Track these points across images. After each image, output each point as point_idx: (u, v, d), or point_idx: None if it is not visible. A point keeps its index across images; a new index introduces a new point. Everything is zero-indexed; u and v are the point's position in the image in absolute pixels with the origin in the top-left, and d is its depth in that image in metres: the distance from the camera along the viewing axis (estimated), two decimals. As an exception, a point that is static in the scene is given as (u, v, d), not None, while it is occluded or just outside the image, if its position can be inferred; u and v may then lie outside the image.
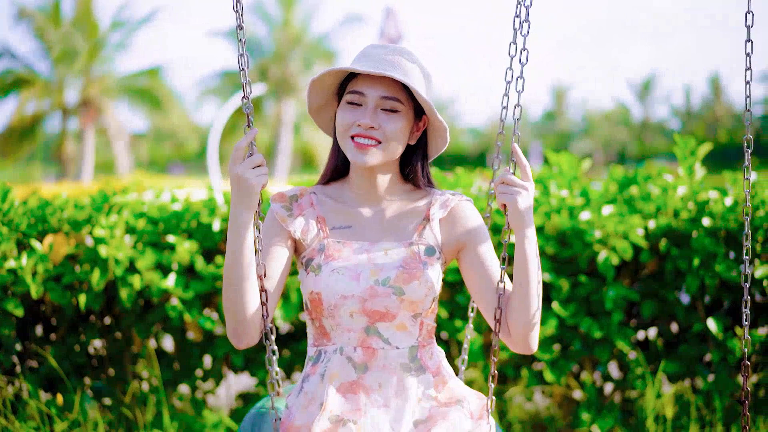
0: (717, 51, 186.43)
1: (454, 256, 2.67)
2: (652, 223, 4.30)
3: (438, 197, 2.67)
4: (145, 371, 4.47)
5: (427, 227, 2.63)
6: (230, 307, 2.47)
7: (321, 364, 2.59)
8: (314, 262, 2.57)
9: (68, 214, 4.23)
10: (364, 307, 2.52)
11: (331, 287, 2.52)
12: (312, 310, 2.60)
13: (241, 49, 2.48)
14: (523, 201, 2.44)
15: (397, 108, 2.54)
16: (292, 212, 2.64)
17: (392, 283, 2.52)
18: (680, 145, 4.48)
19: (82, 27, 36.28)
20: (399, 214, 2.65)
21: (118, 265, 4.11)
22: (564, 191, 4.44)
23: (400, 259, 2.56)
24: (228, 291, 2.46)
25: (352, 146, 2.53)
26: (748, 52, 2.64)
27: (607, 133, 73.44)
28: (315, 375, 2.60)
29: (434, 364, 2.63)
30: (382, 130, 2.52)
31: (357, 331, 2.56)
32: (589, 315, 4.34)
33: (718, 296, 4.32)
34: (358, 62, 2.54)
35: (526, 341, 2.53)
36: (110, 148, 40.53)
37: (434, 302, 2.62)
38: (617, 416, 4.34)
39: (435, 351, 2.67)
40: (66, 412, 4.22)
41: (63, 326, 4.40)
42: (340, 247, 2.59)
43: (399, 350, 2.57)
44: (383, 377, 2.55)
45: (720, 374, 4.27)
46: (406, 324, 2.57)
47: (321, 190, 2.72)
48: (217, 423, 4.38)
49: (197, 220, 4.33)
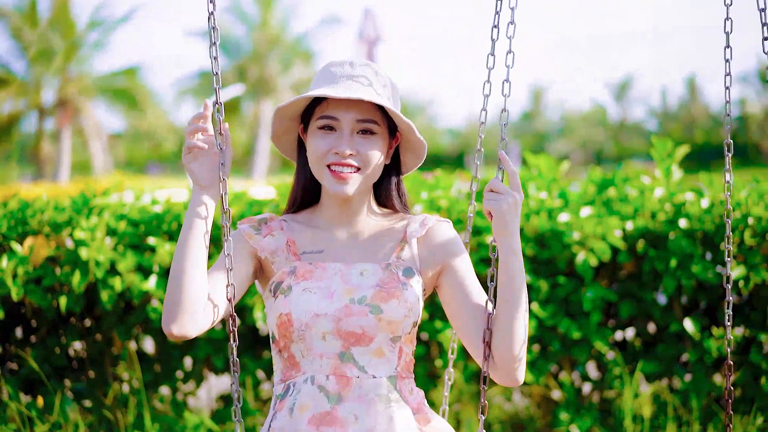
0: (694, 52, 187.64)
1: (434, 282, 2.45)
2: (630, 224, 4.34)
3: (414, 218, 2.48)
4: (125, 373, 4.47)
5: (406, 248, 2.43)
6: (174, 289, 2.24)
7: (289, 398, 2.34)
8: (284, 284, 2.35)
9: (48, 216, 4.23)
10: (338, 328, 2.29)
11: (302, 306, 2.30)
12: (280, 338, 2.36)
13: (215, 53, 2.38)
14: (509, 209, 2.31)
15: (374, 130, 2.36)
16: (260, 232, 2.43)
17: (369, 302, 2.31)
18: (657, 147, 4.52)
19: (59, 26, 36.06)
20: (375, 236, 2.46)
21: (99, 267, 4.11)
22: (543, 193, 4.47)
23: (377, 278, 2.35)
24: (177, 273, 2.25)
25: (329, 175, 2.34)
26: (727, 58, 2.67)
27: (584, 134, 73.62)
28: (283, 410, 2.34)
29: (415, 400, 2.39)
30: (360, 156, 2.34)
31: (330, 357, 2.31)
32: (568, 316, 4.38)
33: (695, 297, 4.38)
34: (326, 85, 2.36)
35: (513, 368, 2.32)
36: (87, 149, 40.30)
37: (414, 328, 2.39)
38: (595, 416, 4.38)
39: (415, 388, 2.43)
40: (46, 414, 4.22)
41: (43, 328, 4.40)
42: (312, 268, 2.38)
43: (376, 380, 2.32)
44: (360, 409, 2.30)
45: (697, 374, 4.32)
46: (383, 349, 2.33)
47: (290, 218, 2.50)
48: (198, 425, 4.38)
49: (178, 221, 4.33)
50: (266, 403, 4.57)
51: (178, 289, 2.24)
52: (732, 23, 2.57)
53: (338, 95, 2.28)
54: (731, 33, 2.60)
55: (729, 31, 2.62)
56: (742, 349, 4.35)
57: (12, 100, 36.45)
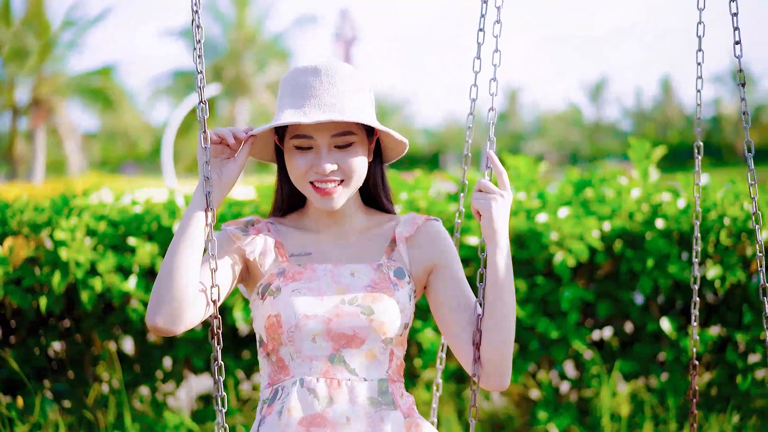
0: (668, 52, 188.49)
1: (423, 282, 2.43)
2: (607, 225, 4.38)
3: (402, 218, 2.46)
4: (105, 373, 4.47)
5: (395, 249, 2.41)
6: (165, 282, 2.19)
7: (278, 402, 2.30)
8: (272, 286, 2.31)
9: (28, 216, 4.23)
10: (329, 329, 2.26)
11: (292, 307, 2.27)
12: (269, 341, 2.32)
13: (200, 51, 2.36)
14: (497, 208, 2.30)
15: (351, 140, 2.29)
16: (247, 233, 2.38)
17: (360, 302, 2.28)
18: (635, 148, 4.56)
19: (33, 26, 35.91)
20: (364, 237, 2.43)
21: (79, 267, 4.12)
22: (521, 194, 4.50)
23: (369, 279, 2.33)
24: (163, 264, 2.21)
25: (313, 192, 2.30)
26: (699, 62, 2.71)
27: (559, 134, 73.95)
28: (272, 414, 2.30)
29: (406, 405, 2.36)
30: (342, 169, 2.29)
31: (320, 359, 2.28)
32: (546, 315, 4.41)
33: (672, 296, 4.42)
34: (293, 101, 2.28)
35: (500, 372, 2.31)
36: (62, 148, 40.12)
37: (405, 330, 2.36)
38: (573, 415, 4.42)
39: (405, 392, 2.39)
40: (27, 414, 4.22)
41: (23, 329, 4.40)
42: (301, 269, 2.34)
43: (367, 382, 2.30)
44: (351, 411, 2.27)
45: (673, 373, 4.37)
46: (375, 352, 2.30)
47: (277, 221, 2.47)
48: (179, 425, 4.39)
49: (158, 222, 4.34)
50: (246, 403, 4.58)
51: (168, 281, 2.18)
52: (704, 27, 2.61)
53: (308, 120, 2.19)
54: (703, 36, 2.64)
55: (701, 34, 2.65)
56: (718, 348, 4.40)
57: (-14, 100, 36.32)
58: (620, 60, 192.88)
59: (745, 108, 2.60)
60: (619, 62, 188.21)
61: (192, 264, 2.21)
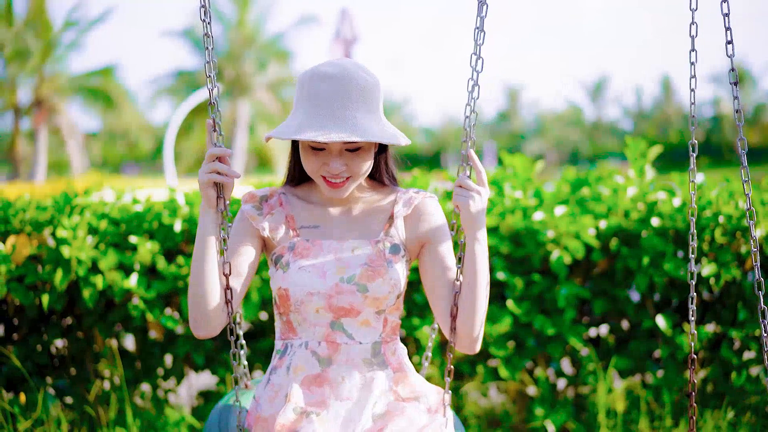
0: (668, 52, 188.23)
1: (417, 253, 2.73)
2: (603, 223, 4.42)
3: (402, 195, 2.73)
4: (107, 370, 4.50)
5: (393, 225, 2.69)
6: (193, 298, 2.56)
7: (287, 357, 2.66)
8: (283, 260, 2.63)
9: (30, 215, 4.27)
10: (329, 304, 2.58)
11: (299, 284, 2.58)
12: (280, 305, 2.66)
13: (209, 57, 2.59)
14: (475, 204, 2.57)
15: (361, 145, 2.55)
16: (262, 211, 2.69)
17: (357, 281, 2.58)
18: (631, 147, 4.60)
19: (35, 26, 35.94)
20: (366, 213, 2.72)
21: (81, 265, 4.16)
22: (518, 192, 4.54)
23: (366, 256, 2.62)
24: (192, 283, 2.55)
25: (324, 183, 2.58)
26: (692, 61, 2.75)
27: (559, 134, 73.91)
28: (282, 368, 2.66)
29: (396, 360, 2.70)
30: (351, 168, 2.56)
31: (322, 326, 2.62)
32: (543, 312, 4.45)
33: (667, 294, 4.45)
34: (312, 107, 2.49)
35: (471, 339, 2.63)
36: (63, 148, 40.16)
37: (398, 299, 2.68)
38: (570, 411, 4.45)
39: (398, 348, 2.74)
40: (29, 411, 4.25)
41: (25, 326, 4.43)
42: (309, 245, 2.64)
43: (362, 345, 2.64)
44: (346, 371, 2.61)
45: (669, 370, 4.39)
46: (369, 320, 2.64)
47: (290, 191, 2.77)
48: (179, 421, 4.43)
49: (159, 221, 4.37)
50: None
51: (201, 300, 2.56)
52: (697, 27, 2.65)
53: (326, 140, 2.42)
54: (696, 36, 2.68)
55: (695, 35, 2.70)
56: (713, 345, 4.44)
57: (-13, 100, 36.35)
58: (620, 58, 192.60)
59: (738, 106, 2.65)
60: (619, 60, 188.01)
61: (212, 279, 2.57)
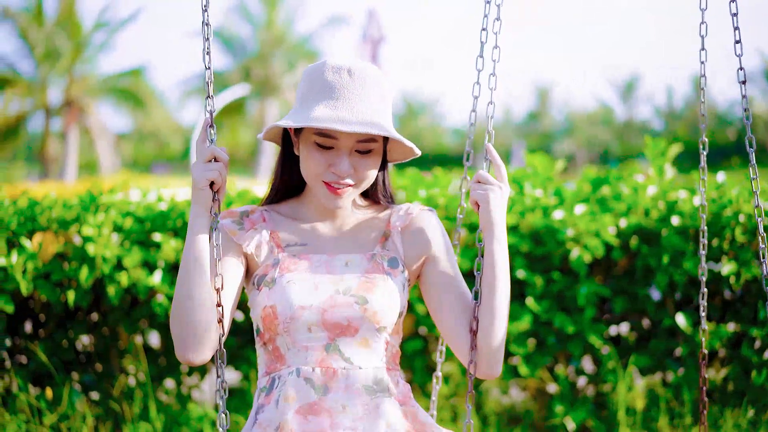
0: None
1: (418, 272, 2.45)
2: (623, 221, 4.43)
3: (397, 210, 2.47)
4: (132, 366, 4.56)
5: (389, 239, 2.43)
6: (182, 313, 2.23)
7: (275, 391, 2.31)
8: (268, 277, 2.33)
9: (57, 213, 4.32)
10: (324, 319, 2.27)
11: (287, 298, 2.28)
12: (265, 331, 2.33)
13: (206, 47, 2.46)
14: (494, 199, 2.34)
15: (373, 147, 2.31)
16: (243, 226, 2.39)
17: (354, 292, 2.30)
18: (650, 146, 4.61)
19: (66, 27, 36.17)
20: (358, 227, 2.45)
21: (106, 262, 4.21)
22: (538, 191, 4.56)
23: (362, 269, 2.35)
24: (183, 296, 2.23)
25: (324, 190, 2.31)
26: (702, 60, 2.78)
27: (589, 134, 73.51)
28: (270, 404, 2.31)
29: (401, 393, 2.37)
30: (358, 173, 2.31)
31: (316, 349, 2.29)
32: (563, 311, 4.46)
33: (687, 292, 4.46)
34: (324, 98, 2.28)
35: (490, 358, 2.35)
36: (93, 148, 40.40)
37: (400, 319, 2.39)
38: (590, 409, 4.47)
39: (401, 380, 2.41)
40: (55, 405, 4.32)
41: (51, 322, 4.50)
42: (297, 260, 2.36)
43: (362, 371, 2.31)
44: (347, 399, 2.28)
45: (689, 368, 4.40)
46: (369, 340, 2.32)
47: (272, 208, 2.48)
48: (202, 416, 4.48)
49: (182, 218, 4.42)
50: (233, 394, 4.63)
51: (192, 315, 2.23)
52: (707, 27, 2.67)
53: (346, 129, 2.20)
54: (706, 36, 2.70)
55: (704, 34, 2.72)
56: (733, 343, 4.44)
57: (19, 100, 36.69)
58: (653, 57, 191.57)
59: (746, 105, 2.68)
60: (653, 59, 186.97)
61: (203, 292, 2.24)
